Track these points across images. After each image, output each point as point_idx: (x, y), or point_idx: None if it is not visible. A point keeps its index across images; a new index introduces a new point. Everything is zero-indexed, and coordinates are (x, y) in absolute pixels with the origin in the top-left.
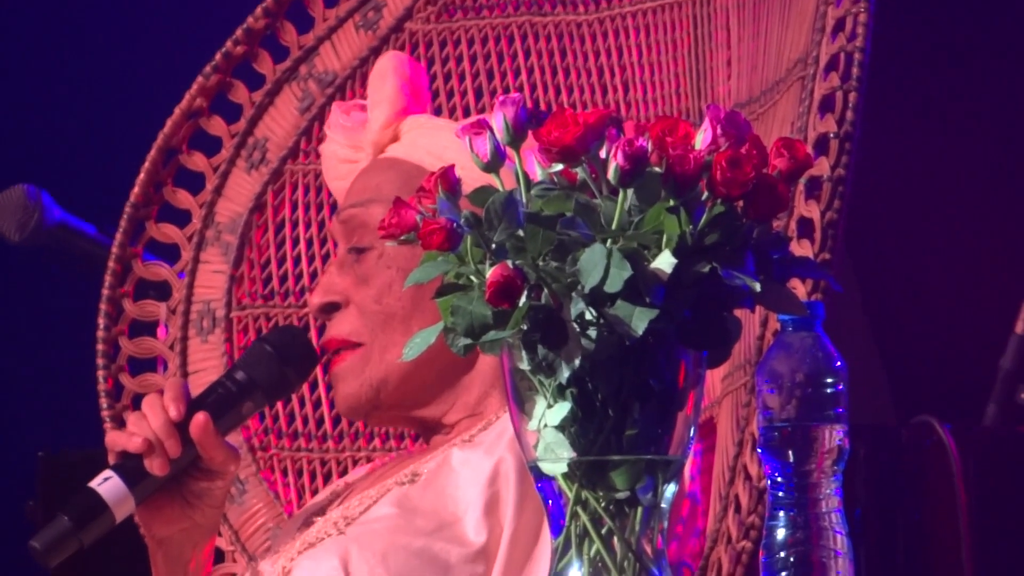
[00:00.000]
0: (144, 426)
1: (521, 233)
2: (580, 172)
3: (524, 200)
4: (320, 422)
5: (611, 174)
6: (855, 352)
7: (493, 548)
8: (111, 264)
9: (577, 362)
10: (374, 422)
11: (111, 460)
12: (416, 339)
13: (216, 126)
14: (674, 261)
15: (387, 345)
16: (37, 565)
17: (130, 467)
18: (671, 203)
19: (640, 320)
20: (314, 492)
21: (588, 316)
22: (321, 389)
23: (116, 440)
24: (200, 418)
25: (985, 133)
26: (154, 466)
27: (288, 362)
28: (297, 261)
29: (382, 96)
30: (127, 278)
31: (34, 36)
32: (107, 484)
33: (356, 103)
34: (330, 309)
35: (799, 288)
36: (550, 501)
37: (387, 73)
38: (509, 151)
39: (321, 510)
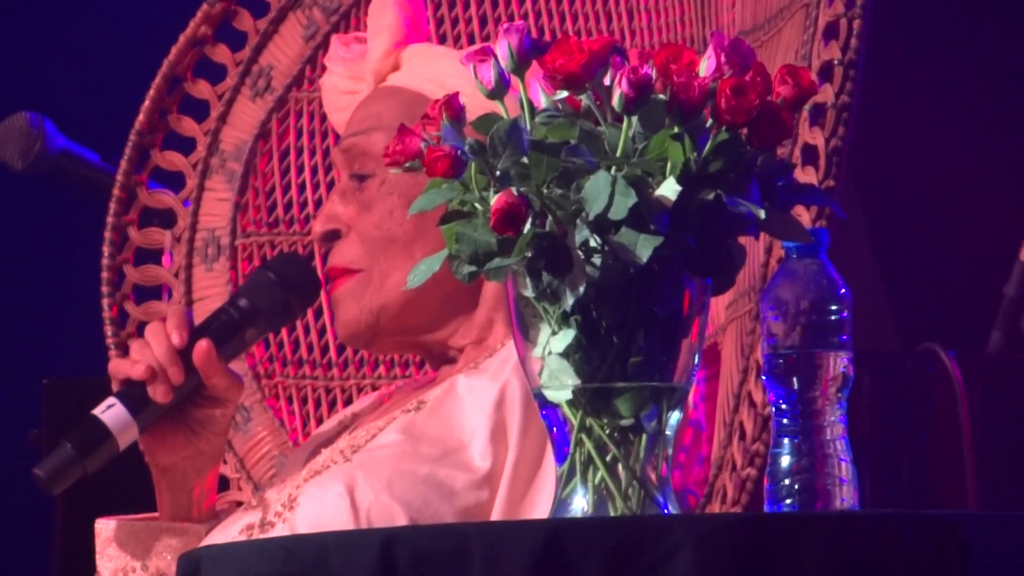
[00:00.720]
0: (147, 353)
1: (525, 160)
2: (584, 99)
3: (528, 127)
4: (325, 350)
5: (615, 101)
6: (859, 279)
7: (498, 473)
8: (116, 192)
9: (582, 289)
10: (376, 349)
11: (114, 387)
12: (420, 266)
13: (221, 54)
14: (678, 188)
15: (388, 271)
16: (42, 492)
17: (133, 394)
18: (675, 130)
19: (645, 247)
20: (319, 420)
21: (592, 243)
22: (326, 316)
23: (119, 367)
24: (203, 345)
25: (991, 61)
26: (157, 393)
27: (291, 289)
28: (302, 189)
29: (381, 25)
30: (132, 206)
31: None
32: (110, 411)
33: (355, 35)
34: (332, 237)
35: (803, 215)
36: (555, 428)
37: (386, 3)
38: (513, 78)
39: (328, 440)
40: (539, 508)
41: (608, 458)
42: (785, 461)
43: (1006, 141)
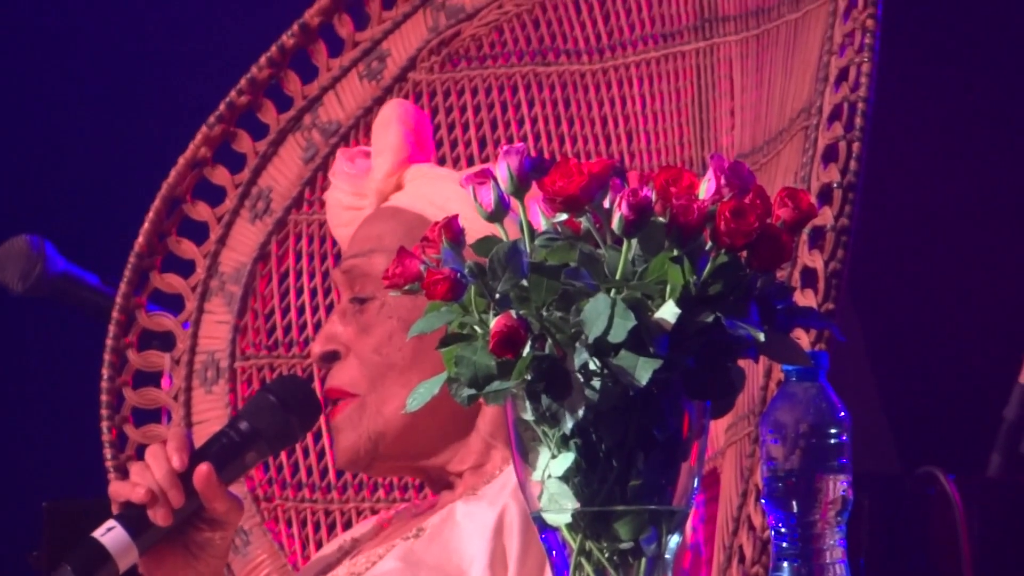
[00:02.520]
0: (147, 476)
1: (525, 283)
2: (584, 222)
3: (528, 250)
4: (324, 472)
5: (615, 224)
6: (859, 402)
7: None
8: (115, 314)
9: (581, 412)
10: (376, 472)
11: (114, 510)
12: (420, 390)
13: (220, 176)
14: (678, 311)
15: (385, 397)
16: None
17: (133, 517)
18: (675, 253)
19: (644, 370)
20: (319, 543)
21: (592, 366)
22: (325, 439)
23: (119, 490)
24: (203, 468)
25: (987, 183)
26: (157, 516)
27: (291, 411)
28: (301, 311)
29: (386, 144)
30: (131, 328)
31: (37, 86)
32: (110, 534)
33: (360, 150)
34: (331, 358)
35: (803, 338)
36: (554, 552)
37: (391, 121)
38: (513, 201)
39: (328, 566)
40: None
41: None
42: None
43: (1006, 262)
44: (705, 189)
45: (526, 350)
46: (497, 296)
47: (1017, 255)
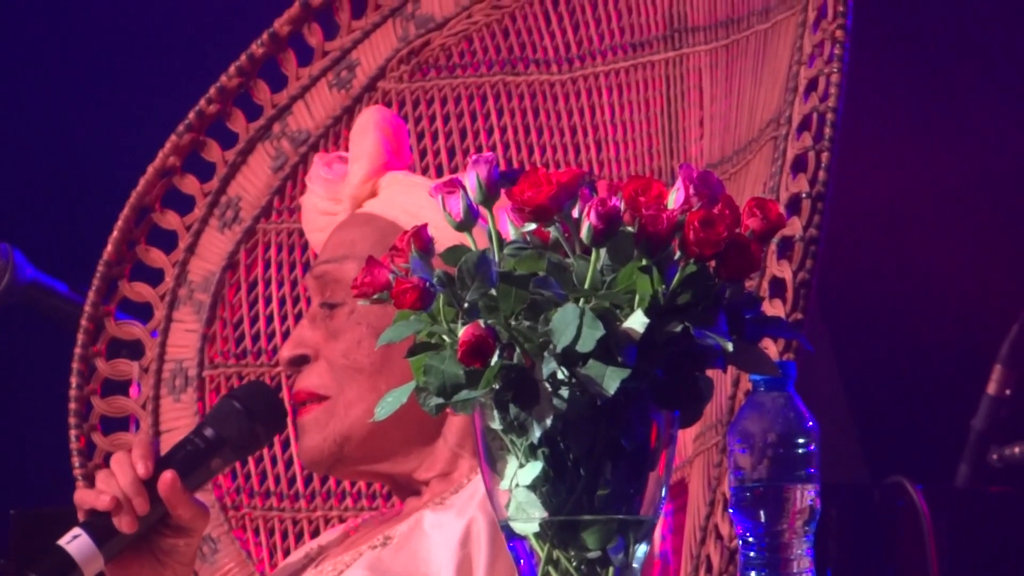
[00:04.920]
0: (112, 484)
1: (494, 292)
2: (553, 231)
3: (497, 259)
4: (292, 481)
5: (584, 234)
6: (827, 412)
7: None
8: (83, 323)
9: (549, 421)
10: (339, 475)
11: (80, 518)
12: (388, 398)
13: (189, 185)
14: (646, 321)
15: (353, 401)
16: None
17: (99, 524)
18: (643, 263)
19: (612, 380)
20: (286, 551)
21: (560, 376)
22: (293, 448)
23: (84, 498)
24: (167, 476)
25: (957, 194)
26: (122, 524)
27: (256, 418)
28: (269, 320)
29: (362, 150)
30: (99, 337)
31: (4, 94)
32: (76, 542)
33: (338, 155)
34: (299, 362)
35: (771, 348)
36: (522, 561)
37: (369, 127)
38: (482, 210)
39: (295, 574)
40: None
41: None
42: None
43: (974, 274)
44: (674, 199)
45: (494, 359)
46: (466, 305)
47: (986, 267)
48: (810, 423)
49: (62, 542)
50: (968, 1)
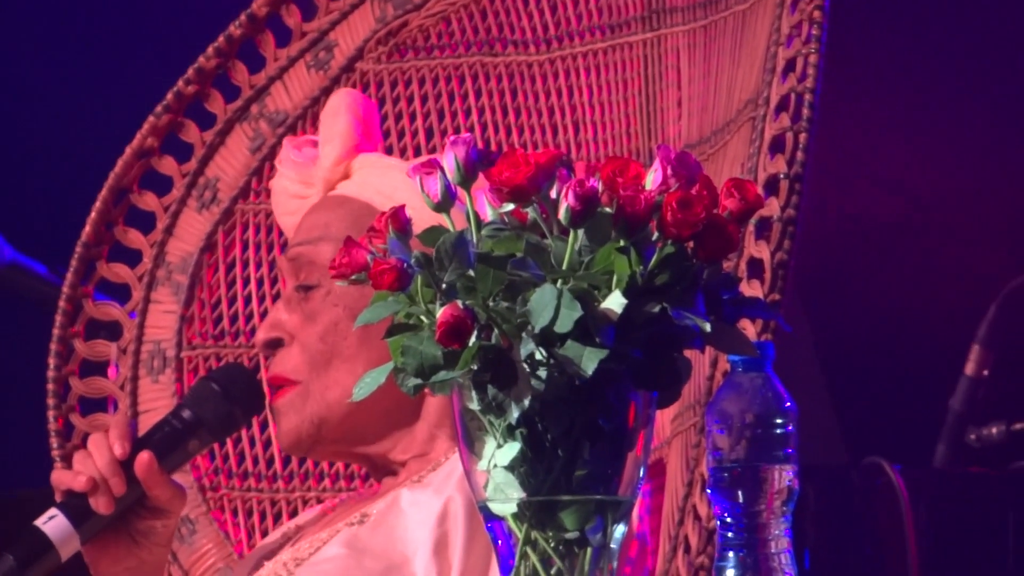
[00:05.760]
0: (89, 464)
1: (472, 273)
2: (531, 212)
3: (475, 240)
4: (270, 462)
5: (562, 214)
6: (805, 393)
7: None
8: (62, 304)
9: (527, 402)
10: (318, 456)
11: (57, 498)
12: (366, 379)
13: (167, 166)
14: (624, 301)
15: (329, 384)
16: None
17: (75, 505)
18: (621, 243)
19: (590, 360)
20: (264, 532)
21: (538, 356)
22: (272, 429)
23: (61, 478)
24: (144, 457)
25: (933, 176)
26: (99, 504)
27: (234, 400)
28: (248, 301)
29: (334, 132)
30: (78, 318)
31: None
32: (52, 523)
33: (307, 139)
34: (275, 345)
35: (749, 329)
36: (500, 541)
37: (340, 110)
38: (460, 191)
39: (271, 552)
40: None
41: (553, 571)
42: (730, 574)
43: (953, 254)
44: (652, 180)
45: (472, 340)
46: (443, 286)
47: (963, 247)
48: (788, 404)
49: (38, 523)
50: None
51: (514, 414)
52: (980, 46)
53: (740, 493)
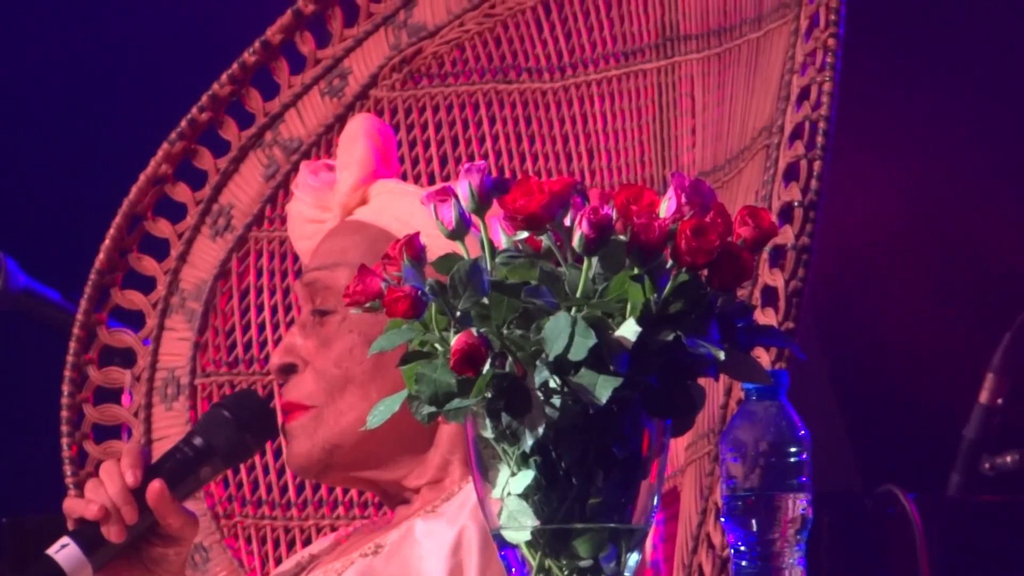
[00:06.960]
0: (101, 492)
1: (486, 301)
2: (545, 240)
3: (489, 268)
4: (284, 489)
5: (576, 242)
6: (819, 421)
7: None
8: (75, 331)
9: (541, 430)
10: (328, 481)
11: (69, 526)
12: (380, 407)
13: (181, 193)
14: (638, 329)
15: (343, 409)
16: None
17: (87, 533)
18: (635, 271)
19: (604, 388)
20: (278, 560)
21: (552, 384)
22: (285, 456)
23: (73, 507)
24: (156, 485)
25: (949, 203)
26: (111, 533)
27: (246, 427)
28: (261, 328)
29: (352, 158)
30: (92, 345)
31: None
32: (64, 551)
33: (324, 163)
34: (288, 370)
35: (763, 357)
36: (513, 569)
37: (358, 135)
38: (474, 219)
39: None
40: None
41: None
42: None
43: (968, 283)
44: (666, 207)
45: (486, 368)
46: (458, 314)
47: (977, 275)
48: (802, 432)
49: (50, 551)
50: (962, 11)
51: (528, 442)
52: (996, 66)
53: (754, 521)
